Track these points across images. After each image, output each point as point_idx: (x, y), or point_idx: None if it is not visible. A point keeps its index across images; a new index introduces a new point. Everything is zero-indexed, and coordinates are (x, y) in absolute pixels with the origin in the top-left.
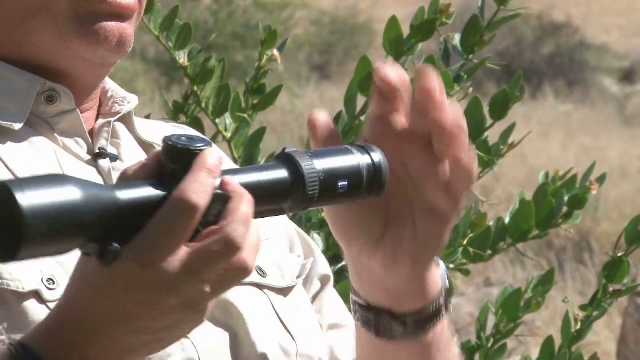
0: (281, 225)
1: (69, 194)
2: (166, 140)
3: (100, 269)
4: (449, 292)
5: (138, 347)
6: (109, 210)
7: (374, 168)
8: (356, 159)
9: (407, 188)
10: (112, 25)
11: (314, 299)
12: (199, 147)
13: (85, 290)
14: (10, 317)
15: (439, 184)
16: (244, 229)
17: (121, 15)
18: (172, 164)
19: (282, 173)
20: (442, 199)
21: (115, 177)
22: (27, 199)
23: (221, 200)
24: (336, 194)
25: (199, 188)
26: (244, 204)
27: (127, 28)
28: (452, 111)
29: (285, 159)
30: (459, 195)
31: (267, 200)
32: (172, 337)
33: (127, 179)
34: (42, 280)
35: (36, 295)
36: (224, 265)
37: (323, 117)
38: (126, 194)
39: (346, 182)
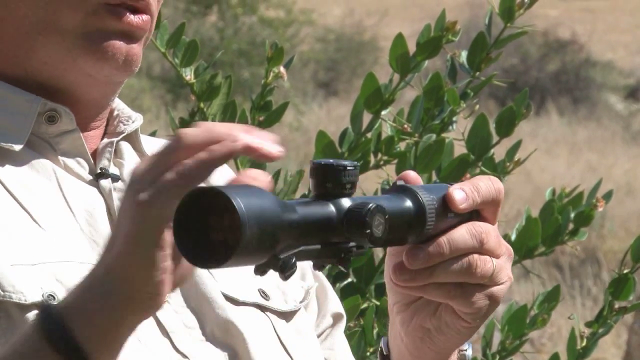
0: None
1: (270, 204)
2: (317, 162)
3: None
4: None
5: None
6: (293, 224)
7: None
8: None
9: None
10: (120, 44)
11: (326, 335)
12: (350, 164)
13: None
14: (14, 329)
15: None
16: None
17: (131, 34)
18: (327, 183)
19: (407, 203)
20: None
21: (116, 197)
22: (243, 204)
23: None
24: (446, 221)
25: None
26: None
27: (135, 48)
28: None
29: (402, 190)
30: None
31: (398, 228)
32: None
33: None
34: (42, 295)
35: (39, 307)
36: None
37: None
38: (303, 210)
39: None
